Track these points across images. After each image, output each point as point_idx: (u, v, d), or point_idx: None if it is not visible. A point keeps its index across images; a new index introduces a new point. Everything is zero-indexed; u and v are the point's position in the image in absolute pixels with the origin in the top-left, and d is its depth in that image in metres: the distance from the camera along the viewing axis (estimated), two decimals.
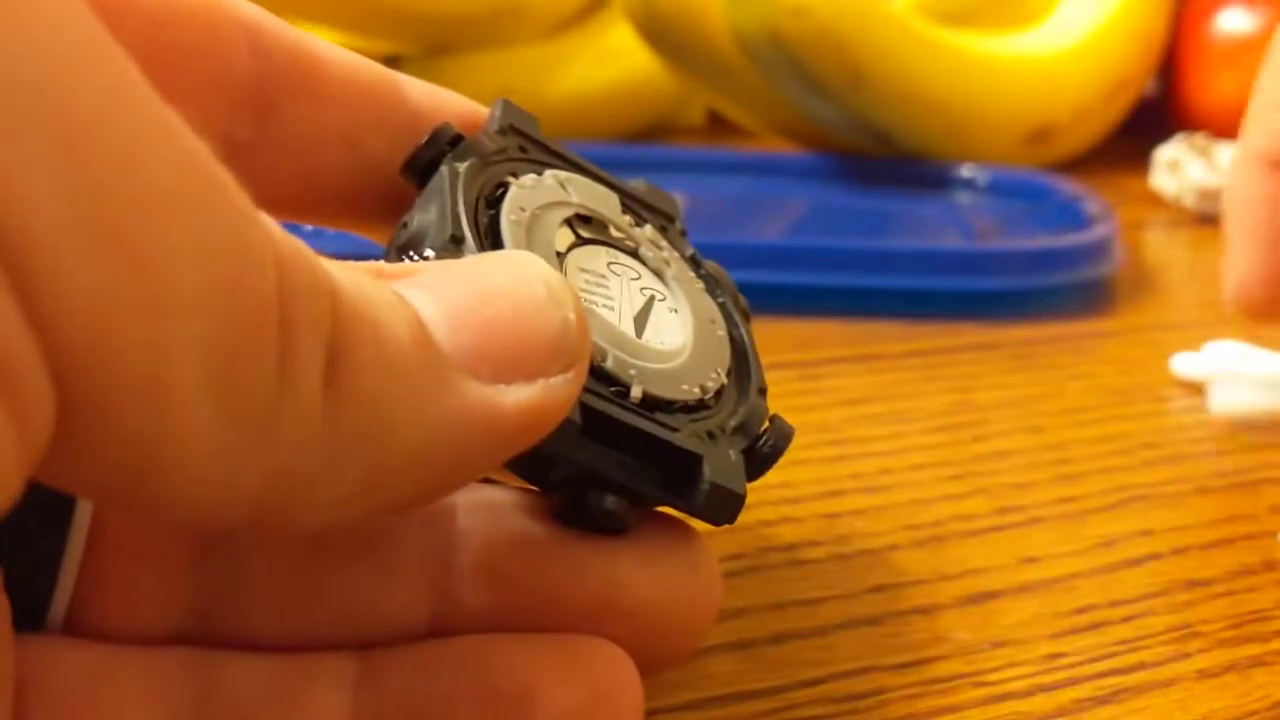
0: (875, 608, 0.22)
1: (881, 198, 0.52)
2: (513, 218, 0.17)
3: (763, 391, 0.19)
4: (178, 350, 0.11)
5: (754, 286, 0.39)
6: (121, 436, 0.11)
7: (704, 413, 0.17)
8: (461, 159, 0.18)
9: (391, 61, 0.66)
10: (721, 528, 0.18)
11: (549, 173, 0.19)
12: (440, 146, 0.18)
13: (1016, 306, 0.39)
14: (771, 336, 0.36)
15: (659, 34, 0.53)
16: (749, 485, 0.17)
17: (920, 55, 0.52)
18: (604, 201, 0.19)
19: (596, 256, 0.18)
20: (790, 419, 0.30)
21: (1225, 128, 0.61)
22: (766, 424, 0.19)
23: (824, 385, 0.32)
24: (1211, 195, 0.51)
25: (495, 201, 0.17)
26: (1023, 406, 0.31)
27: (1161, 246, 0.48)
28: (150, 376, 0.11)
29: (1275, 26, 0.60)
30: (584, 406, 0.15)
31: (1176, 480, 0.27)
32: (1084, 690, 0.20)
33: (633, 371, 0.17)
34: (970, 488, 0.26)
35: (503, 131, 0.19)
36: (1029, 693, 0.19)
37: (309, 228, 0.36)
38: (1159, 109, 0.66)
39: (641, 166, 0.56)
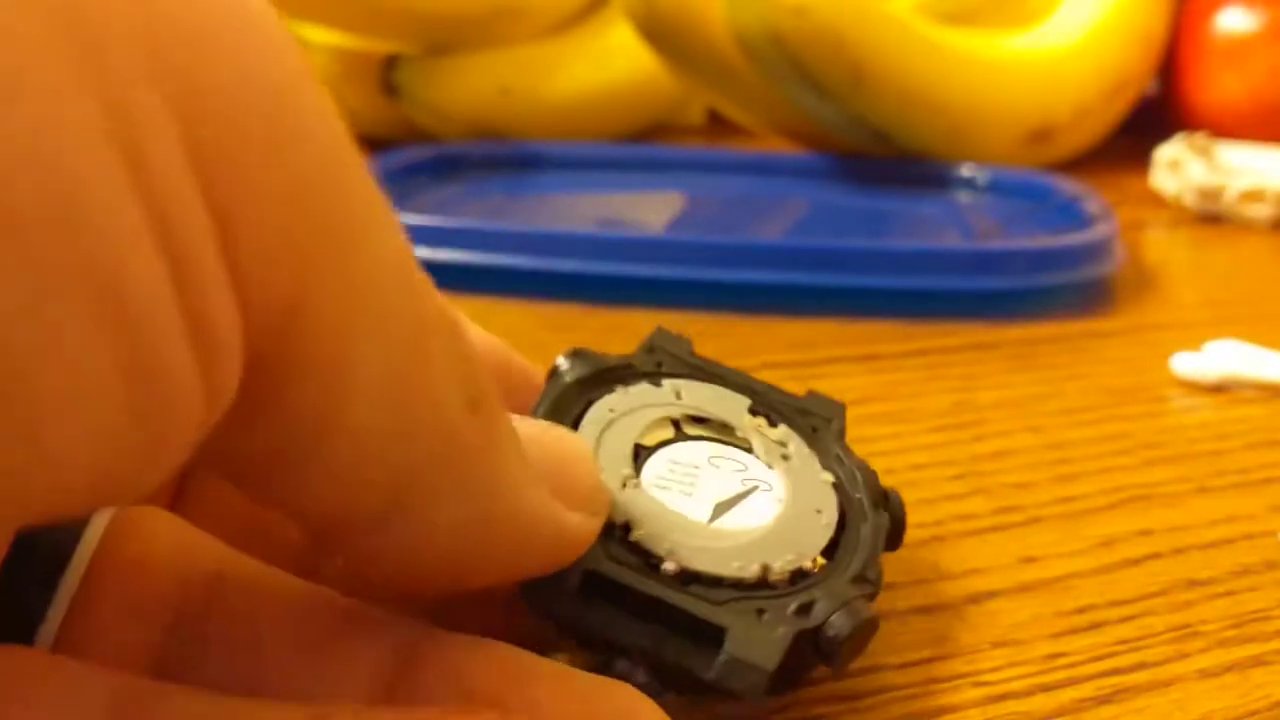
0: (875, 607, 0.22)
1: (881, 198, 0.52)
2: (594, 415, 0.19)
3: (862, 580, 0.19)
4: (364, 341, 0.13)
5: (754, 286, 0.40)
6: (295, 409, 0.13)
7: (763, 591, 0.18)
8: (578, 368, 0.20)
9: (391, 61, 0.66)
10: None
11: (667, 382, 0.21)
12: (567, 361, 0.20)
13: (1016, 306, 0.39)
14: (771, 336, 0.36)
15: (659, 34, 0.53)
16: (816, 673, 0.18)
17: (920, 55, 0.52)
18: (728, 405, 0.21)
19: (698, 451, 0.20)
20: None
21: (1225, 127, 0.61)
22: (840, 610, 0.18)
23: (824, 385, 0.32)
24: (1212, 194, 0.51)
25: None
26: (1023, 406, 0.31)
27: (1162, 246, 0.48)
28: (336, 358, 0.12)
29: (1275, 26, 0.60)
30: (588, 571, 0.17)
31: (1176, 480, 0.27)
32: (1084, 690, 0.20)
33: (668, 546, 0.17)
34: (970, 487, 0.26)
35: (646, 350, 0.22)
36: (1029, 692, 0.19)
37: None
38: (1159, 109, 0.66)
39: (641, 166, 0.57)
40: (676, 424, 0.20)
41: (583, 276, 0.39)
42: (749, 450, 0.20)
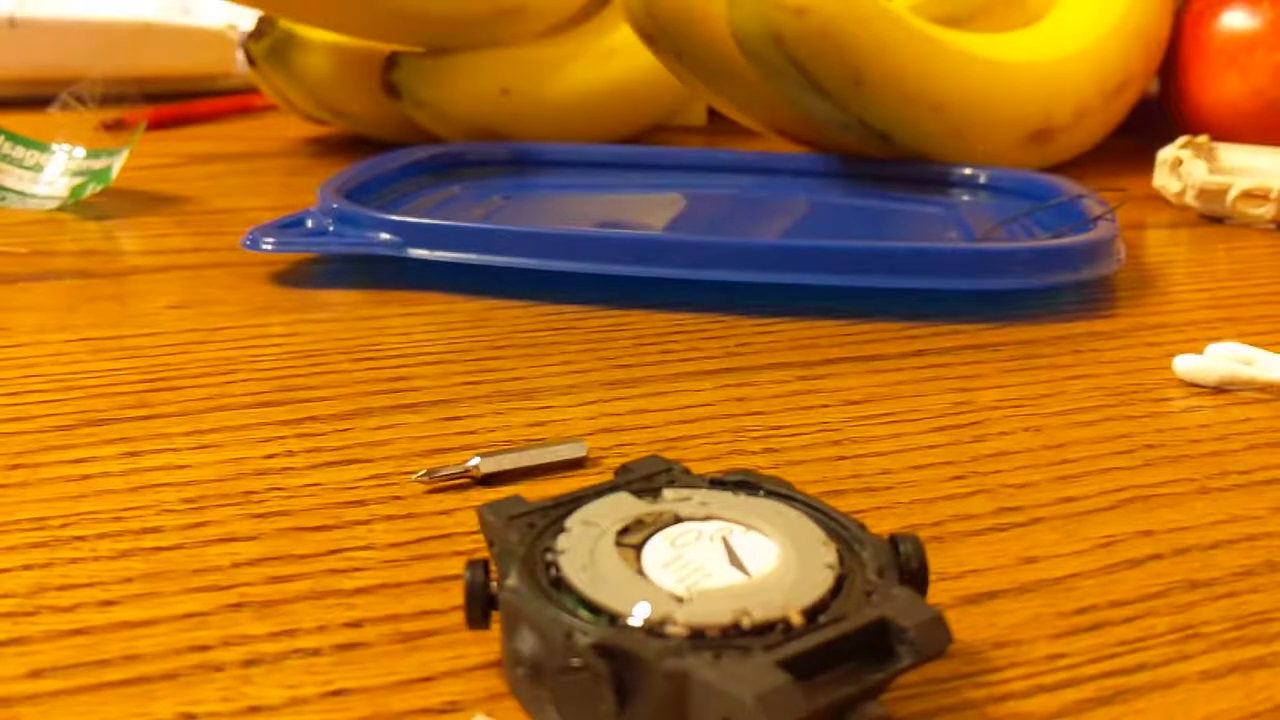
0: None
1: (881, 198, 0.52)
2: (581, 580, 0.18)
3: (862, 527, 0.20)
4: None
5: (754, 286, 0.40)
6: None
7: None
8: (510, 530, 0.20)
9: (391, 61, 0.66)
10: None
11: (569, 520, 0.20)
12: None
13: (1016, 306, 0.39)
14: (771, 336, 0.36)
15: (659, 34, 0.53)
16: None
17: (920, 55, 0.52)
18: (622, 505, 0.20)
19: (660, 548, 0.19)
20: (790, 419, 0.30)
21: (1226, 127, 0.61)
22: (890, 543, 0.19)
23: (824, 385, 0.32)
24: (1214, 195, 0.51)
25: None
26: (1023, 406, 0.31)
27: (1162, 246, 0.48)
28: None
29: (1276, 26, 0.60)
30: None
31: (1178, 480, 0.27)
32: (1085, 691, 0.19)
33: (778, 609, 0.17)
34: (970, 488, 0.26)
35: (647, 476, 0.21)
36: (1029, 693, 0.19)
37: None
38: (1159, 109, 0.66)
39: (641, 166, 0.57)
40: (619, 543, 0.19)
41: (583, 276, 0.39)
42: (678, 519, 0.20)
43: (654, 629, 0.17)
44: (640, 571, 0.19)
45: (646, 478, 0.21)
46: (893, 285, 0.38)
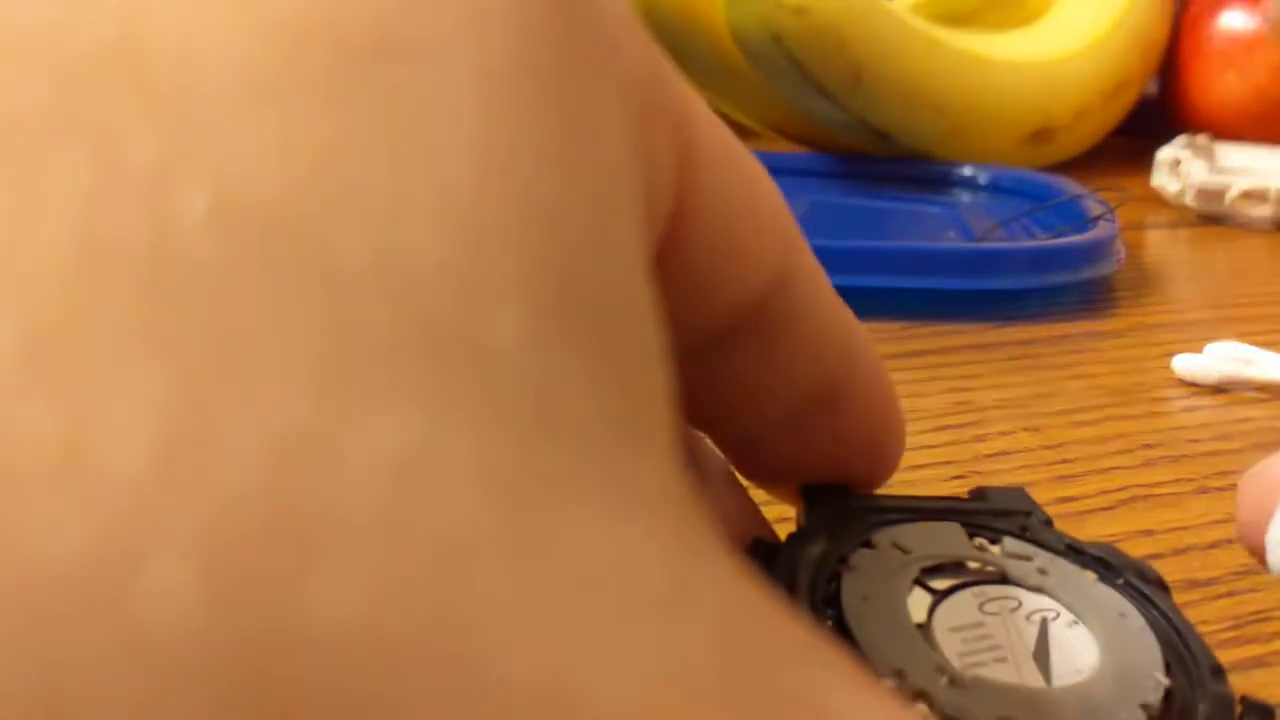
0: None
1: (881, 198, 0.52)
2: (855, 610, 0.15)
3: (1217, 671, 0.16)
4: None
5: None
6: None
7: None
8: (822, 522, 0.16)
9: None
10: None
11: (881, 534, 0.17)
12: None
13: (1016, 306, 0.39)
14: None
15: (658, 34, 0.53)
16: None
17: (920, 55, 0.52)
18: (947, 537, 0.17)
19: (964, 605, 0.16)
20: None
21: (1225, 127, 0.61)
22: (1239, 708, 0.16)
23: None
24: (1213, 195, 0.51)
25: (836, 577, 0.16)
26: (1023, 406, 0.31)
27: (1162, 246, 0.48)
28: None
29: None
30: None
31: (1177, 480, 0.27)
32: None
33: None
34: (970, 488, 0.26)
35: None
36: None
37: None
38: (1159, 109, 0.66)
39: None
40: (923, 584, 0.16)
41: None
42: (1005, 580, 0.16)
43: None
44: (925, 624, 0.15)
45: (996, 513, 0.18)
46: (892, 285, 0.37)
